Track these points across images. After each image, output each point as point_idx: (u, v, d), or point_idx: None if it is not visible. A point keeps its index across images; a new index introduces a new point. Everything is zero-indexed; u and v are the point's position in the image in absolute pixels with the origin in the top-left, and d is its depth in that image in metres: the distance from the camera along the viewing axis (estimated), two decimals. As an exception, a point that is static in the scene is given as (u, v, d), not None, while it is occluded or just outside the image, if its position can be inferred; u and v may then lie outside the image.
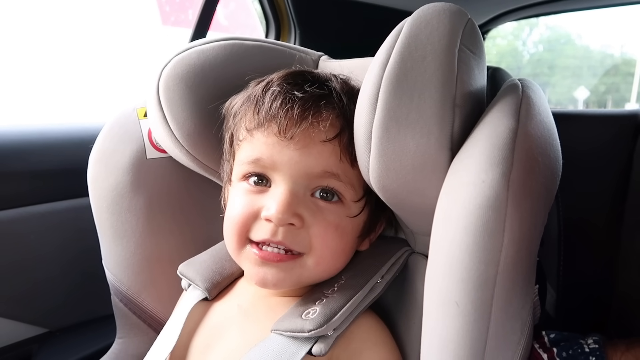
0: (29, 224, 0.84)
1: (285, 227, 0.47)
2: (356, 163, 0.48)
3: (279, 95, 0.48)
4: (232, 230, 0.50)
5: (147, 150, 0.67)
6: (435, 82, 0.41)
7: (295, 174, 0.48)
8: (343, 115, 0.49)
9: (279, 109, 0.47)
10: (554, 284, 0.74)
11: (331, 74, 0.53)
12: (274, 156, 0.48)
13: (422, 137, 0.42)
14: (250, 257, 0.50)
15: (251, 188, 0.50)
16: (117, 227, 0.67)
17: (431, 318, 0.41)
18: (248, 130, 0.50)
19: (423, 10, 0.45)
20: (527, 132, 0.39)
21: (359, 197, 0.50)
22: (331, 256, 0.50)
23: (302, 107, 0.47)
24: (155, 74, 0.61)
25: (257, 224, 0.49)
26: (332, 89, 0.50)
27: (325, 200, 0.49)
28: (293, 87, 0.49)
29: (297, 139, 0.47)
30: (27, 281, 0.84)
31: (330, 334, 0.46)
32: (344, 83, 0.52)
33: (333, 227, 0.49)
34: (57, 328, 0.88)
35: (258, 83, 0.53)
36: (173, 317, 0.59)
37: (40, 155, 0.86)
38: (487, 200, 0.36)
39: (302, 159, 0.47)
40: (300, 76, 0.51)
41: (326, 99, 0.49)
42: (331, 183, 0.49)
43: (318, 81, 0.50)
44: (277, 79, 0.51)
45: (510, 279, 0.36)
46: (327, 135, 0.48)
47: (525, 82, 0.46)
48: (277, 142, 0.48)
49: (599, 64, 9.33)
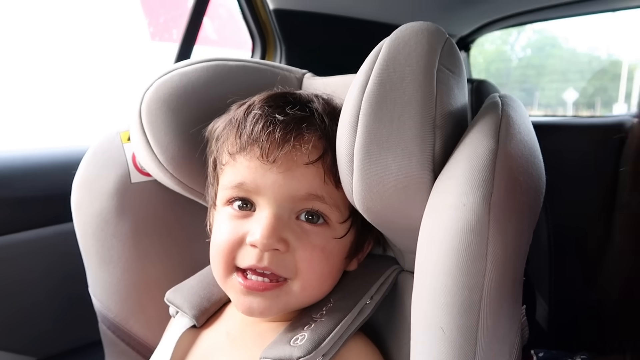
0: (14, 250, 0.82)
1: (270, 252, 0.47)
2: (340, 184, 0.47)
3: (261, 119, 0.48)
4: (218, 258, 0.50)
5: (131, 174, 0.66)
6: (415, 104, 0.41)
7: (280, 197, 0.47)
8: (325, 136, 0.48)
9: (261, 132, 0.47)
10: (546, 298, 0.74)
11: (313, 95, 0.53)
12: (257, 180, 0.48)
13: (403, 159, 0.42)
14: (235, 287, 0.49)
15: (235, 213, 0.50)
16: (102, 253, 0.66)
17: (418, 341, 0.41)
18: (230, 155, 0.50)
19: (401, 30, 0.45)
20: (507, 152, 0.39)
21: (344, 218, 0.50)
22: (317, 280, 0.49)
23: (283, 130, 0.47)
24: (138, 97, 0.60)
25: (242, 250, 0.48)
26: (313, 110, 0.50)
27: (311, 223, 0.49)
28: (274, 110, 0.48)
29: (280, 162, 0.47)
30: (13, 309, 0.83)
31: None
32: (325, 104, 0.52)
33: (319, 250, 0.48)
34: (45, 356, 0.86)
35: (240, 106, 0.53)
36: (161, 346, 0.58)
37: (24, 182, 0.84)
38: (468, 224, 0.35)
39: (285, 182, 0.47)
40: (282, 98, 0.51)
41: (308, 121, 0.48)
42: (316, 205, 0.48)
43: (300, 103, 0.50)
44: (258, 101, 0.51)
45: (496, 302, 0.36)
46: (309, 158, 0.47)
47: (506, 100, 0.46)
48: (260, 166, 0.47)
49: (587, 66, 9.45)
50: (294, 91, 0.54)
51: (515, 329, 0.38)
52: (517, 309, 0.38)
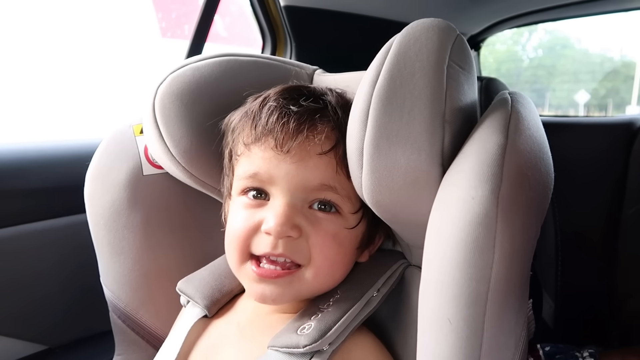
0: (28, 241, 0.84)
1: (284, 239, 0.48)
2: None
3: (275, 110, 0.49)
4: (233, 246, 0.51)
5: (143, 167, 0.67)
6: (425, 99, 0.42)
7: (293, 187, 0.48)
8: (338, 128, 0.49)
9: (275, 123, 0.48)
10: (552, 295, 0.74)
11: (327, 88, 0.54)
12: (272, 170, 0.48)
13: (412, 154, 0.42)
14: (249, 274, 0.50)
15: (250, 202, 0.51)
16: (114, 244, 0.67)
17: (425, 334, 0.41)
18: (246, 145, 0.51)
19: (412, 26, 0.45)
20: (516, 148, 0.39)
21: (356, 209, 0.51)
22: (330, 267, 0.50)
23: (297, 121, 0.48)
24: (151, 91, 0.61)
25: (257, 238, 0.49)
26: (327, 102, 0.51)
27: (323, 212, 0.50)
28: (289, 102, 0.49)
29: (294, 152, 0.48)
30: (26, 298, 0.84)
31: (325, 349, 0.46)
32: (339, 96, 0.53)
33: (331, 236, 0.49)
34: (57, 345, 0.88)
35: (255, 99, 0.54)
36: (172, 334, 0.59)
37: (39, 173, 0.86)
38: (476, 217, 0.36)
39: (299, 172, 0.48)
40: (296, 91, 0.52)
41: (321, 112, 0.49)
42: (328, 195, 0.49)
43: (314, 95, 0.51)
44: (273, 94, 0.52)
45: (503, 295, 0.36)
46: (322, 148, 0.48)
47: (515, 96, 0.47)
48: (274, 156, 0.48)
49: (599, 68, 9.34)
50: (309, 85, 0.56)
51: (521, 322, 0.39)
52: (524, 303, 0.38)
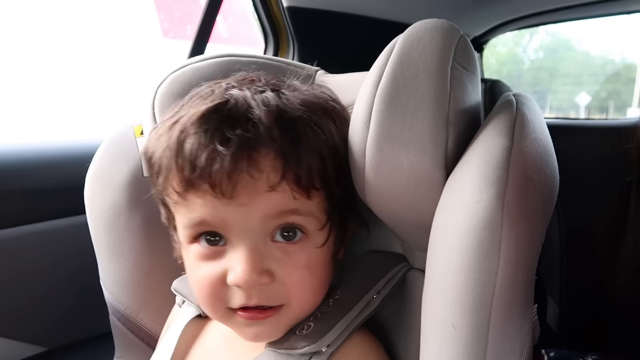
0: (27, 242, 0.84)
1: (257, 288, 0.44)
2: (312, 192, 0.44)
3: (200, 150, 0.41)
4: (207, 304, 0.47)
5: (144, 168, 0.66)
6: (428, 100, 0.41)
7: (249, 227, 0.43)
8: (280, 153, 0.42)
9: (206, 167, 0.40)
10: (557, 299, 0.73)
11: (251, 94, 0.44)
12: (219, 215, 0.43)
13: (415, 156, 0.41)
14: (238, 322, 0.47)
15: (206, 252, 0.45)
16: (114, 245, 0.67)
17: (428, 339, 0.41)
18: (179, 194, 0.43)
19: (415, 27, 0.45)
20: (521, 151, 0.38)
21: (322, 225, 0.47)
22: (311, 295, 0.48)
23: (232, 163, 0.40)
24: (151, 91, 0.61)
25: (228, 291, 0.45)
26: (256, 122, 0.42)
27: (289, 242, 0.45)
28: (213, 137, 0.41)
29: (239, 196, 0.41)
30: (26, 299, 0.84)
31: (324, 350, 0.45)
32: (267, 108, 0.42)
33: (304, 269, 0.46)
34: (56, 347, 0.88)
35: (171, 126, 0.44)
36: (167, 335, 0.58)
37: (39, 174, 0.86)
38: (481, 221, 0.35)
39: (251, 210, 0.42)
40: (215, 116, 0.42)
41: (255, 143, 0.41)
42: (290, 219, 0.44)
43: (237, 116, 0.42)
44: (189, 124, 0.42)
45: (508, 300, 0.36)
46: (269, 184, 0.42)
47: (520, 98, 0.46)
48: (217, 202, 0.42)
49: (600, 70, 9.32)
50: (225, 94, 0.45)
51: (526, 327, 0.38)
52: (529, 308, 0.38)
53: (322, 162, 0.45)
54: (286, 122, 0.43)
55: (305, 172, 0.43)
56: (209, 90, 0.47)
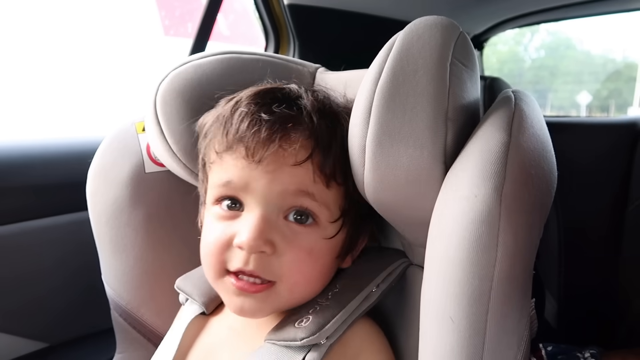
0: (29, 238, 0.84)
1: (257, 255, 0.46)
2: (331, 183, 0.47)
3: (246, 117, 0.46)
4: (208, 260, 0.49)
5: (145, 165, 0.67)
6: (427, 96, 0.42)
7: (268, 196, 0.46)
8: (314, 135, 0.46)
9: (246, 131, 0.46)
10: (555, 294, 0.73)
11: (304, 90, 0.51)
12: (245, 178, 0.46)
13: (415, 151, 0.42)
14: (228, 287, 0.48)
15: (224, 213, 0.49)
16: (116, 241, 0.67)
17: (427, 332, 0.41)
18: (217, 153, 0.48)
19: (415, 24, 0.45)
20: (519, 146, 0.39)
21: (334, 218, 0.49)
22: (305, 282, 0.49)
23: (269, 130, 0.45)
24: (153, 88, 0.61)
25: (231, 252, 0.47)
26: (302, 107, 0.48)
27: (299, 224, 0.47)
28: (260, 108, 0.47)
29: (267, 162, 0.45)
30: (28, 295, 0.84)
31: (323, 342, 0.46)
32: (314, 100, 0.49)
33: (306, 252, 0.47)
34: (58, 342, 0.88)
35: (228, 101, 0.51)
36: (171, 331, 0.59)
37: (41, 170, 0.86)
38: (479, 215, 0.36)
39: (273, 181, 0.46)
40: (270, 94, 0.49)
41: (295, 120, 0.46)
42: (305, 202, 0.47)
43: (288, 99, 0.48)
44: (245, 98, 0.49)
45: (505, 294, 0.36)
46: (297, 159, 0.46)
47: (519, 94, 0.46)
48: (246, 165, 0.46)
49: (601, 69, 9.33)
50: (284, 85, 0.52)
51: (524, 321, 0.38)
52: (527, 302, 0.38)
53: (348, 160, 0.47)
54: (327, 115, 0.48)
55: (330, 161, 0.47)
56: (272, 82, 0.54)
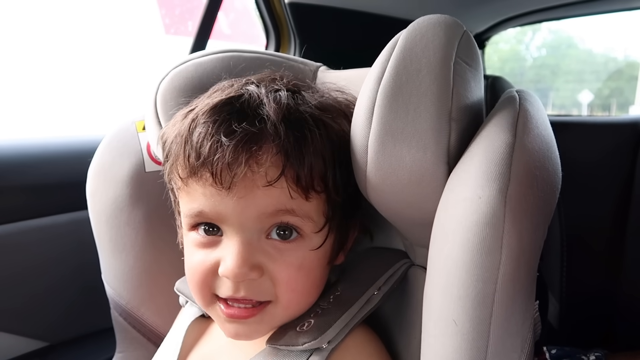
0: (29, 237, 0.84)
1: (246, 281, 0.44)
2: (310, 194, 0.44)
3: (206, 139, 0.42)
4: (195, 290, 0.47)
5: (145, 164, 0.67)
6: (431, 96, 0.41)
7: (245, 222, 0.43)
8: (283, 149, 0.42)
9: (208, 155, 0.42)
10: (557, 296, 0.73)
11: (265, 92, 0.45)
12: (216, 208, 0.43)
13: (418, 151, 0.41)
14: (219, 314, 0.47)
15: (203, 240, 0.46)
16: (116, 240, 0.67)
17: (429, 335, 0.41)
18: (182, 179, 0.45)
19: (418, 22, 0.44)
20: (524, 147, 0.38)
21: (319, 228, 0.46)
22: (299, 297, 0.47)
23: (233, 153, 0.41)
24: (153, 86, 0.61)
25: (218, 280, 0.46)
26: (264, 118, 0.43)
27: (284, 240, 0.45)
28: (219, 128, 0.42)
29: (237, 187, 0.42)
30: (28, 295, 0.84)
31: (325, 347, 0.45)
32: (277, 106, 0.44)
33: (295, 268, 0.45)
34: (58, 342, 0.88)
35: (184, 116, 0.46)
36: (171, 334, 0.59)
37: (41, 169, 0.86)
38: (483, 217, 0.35)
39: (247, 206, 0.43)
40: (227, 107, 0.44)
41: (258, 137, 0.42)
42: (286, 218, 0.44)
43: (248, 110, 0.44)
44: (201, 114, 0.44)
45: (509, 296, 0.36)
46: (268, 179, 0.42)
47: (523, 94, 0.46)
48: (216, 193, 0.43)
49: (603, 68, 9.32)
50: (241, 89, 0.47)
51: (528, 323, 0.38)
52: (531, 304, 0.38)
53: (325, 165, 0.45)
54: (294, 121, 0.43)
55: (305, 172, 0.43)
56: (228, 84, 0.49)
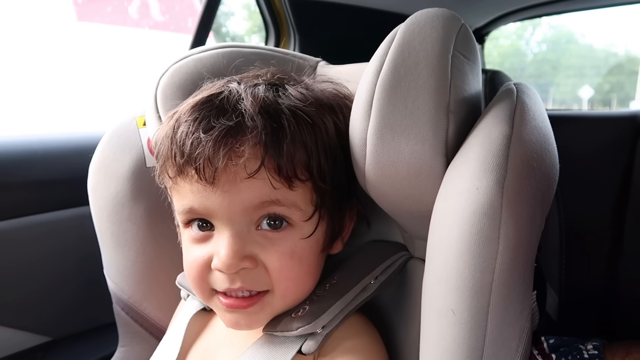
0: (31, 233, 0.84)
1: (240, 272, 0.45)
2: (294, 183, 0.45)
3: (188, 137, 0.44)
4: (193, 284, 0.49)
5: (146, 159, 0.67)
6: (429, 89, 0.41)
7: (232, 216, 0.45)
8: (261, 141, 0.43)
9: (190, 152, 0.43)
10: (556, 287, 0.74)
11: (244, 87, 0.47)
12: (204, 204, 0.45)
13: (416, 144, 0.42)
14: (219, 305, 0.48)
15: (197, 235, 0.47)
16: (117, 236, 0.67)
17: (428, 325, 0.41)
18: (171, 178, 0.47)
19: (416, 16, 0.45)
20: (521, 138, 0.39)
21: (308, 216, 0.47)
22: (295, 284, 0.48)
23: (212, 148, 0.42)
24: (153, 82, 0.61)
25: (214, 274, 0.47)
26: (242, 112, 0.44)
27: (274, 230, 0.46)
28: (199, 126, 0.44)
29: (221, 182, 0.43)
30: (30, 290, 0.85)
31: (319, 332, 0.46)
32: (254, 99, 0.45)
33: (288, 256, 0.46)
34: (61, 336, 0.89)
35: (170, 118, 0.48)
36: (172, 328, 0.59)
37: (42, 165, 0.86)
38: (481, 208, 0.36)
39: (233, 199, 0.44)
40: (207, 105, 0.45)
41: (236, 130, 0.43)
42: (272, 209, 0.45)
43: (228, 105, 0.45)
44: (184, 114, 0.46)
45: (507, 286, 0.36)
46: (248, 171, 0.43)
47: (521, 87, 0.46)
48: (202, 189, 0.44)
49: (603, 63, 9.29)
50: (222, 87, 0.48)
51: (525, 313, 0.38)
52: (528, 294, 0.38)
53: (308, 154, 0.45)
54: (271, 113, 0.44)
55: (286, 162, 0.44)
56: (212, 83, 0.51)
